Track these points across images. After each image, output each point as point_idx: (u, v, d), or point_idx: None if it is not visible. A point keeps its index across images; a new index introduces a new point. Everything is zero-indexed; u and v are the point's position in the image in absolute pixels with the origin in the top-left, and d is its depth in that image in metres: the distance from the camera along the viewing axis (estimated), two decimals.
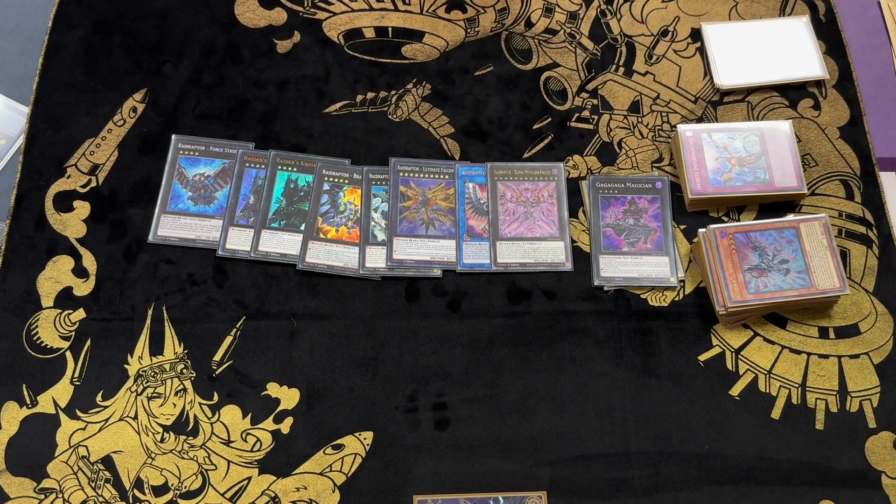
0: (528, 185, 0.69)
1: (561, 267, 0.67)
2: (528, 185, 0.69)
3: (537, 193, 0.69)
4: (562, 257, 0.67)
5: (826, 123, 0.75)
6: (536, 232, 0.68)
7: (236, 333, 0.66)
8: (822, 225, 0.67)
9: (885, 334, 0.67)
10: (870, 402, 0.64)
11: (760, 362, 0.66)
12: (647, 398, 0.64)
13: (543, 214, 0.68)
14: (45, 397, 0.64)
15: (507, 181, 0.69)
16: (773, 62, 0.77)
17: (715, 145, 0.71)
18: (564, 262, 0.67)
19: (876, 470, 0.62)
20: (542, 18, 0.80)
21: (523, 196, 0.69)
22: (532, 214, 0.68)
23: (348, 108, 0.75)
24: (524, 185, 0.69)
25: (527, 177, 0.70)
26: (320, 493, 0.61)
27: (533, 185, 0.69)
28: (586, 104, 0.76)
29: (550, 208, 0.69)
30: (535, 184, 0.69)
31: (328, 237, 0.69)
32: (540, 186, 0.69)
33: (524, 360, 0.65)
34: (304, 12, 0.79)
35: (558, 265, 0.67)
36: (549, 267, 0.67)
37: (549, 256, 0.67)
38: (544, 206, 0.69)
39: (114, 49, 0.77)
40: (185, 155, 0.73)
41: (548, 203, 0.69)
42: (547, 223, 0.68)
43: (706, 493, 0.61)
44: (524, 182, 0.70)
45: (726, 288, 0.65)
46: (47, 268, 0.68)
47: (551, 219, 0.68)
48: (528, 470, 0.62)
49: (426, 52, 0.78)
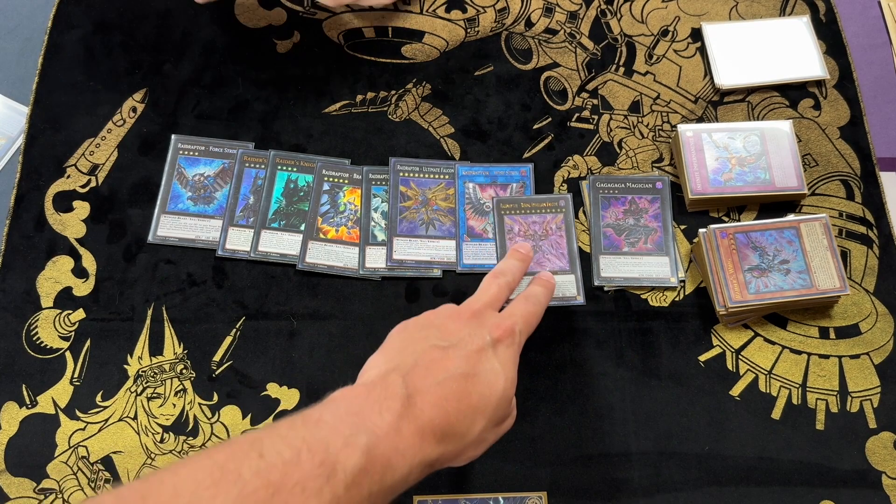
0: (535, 219, 0.69)
1: (573, 301, 0.66)
2: (535, 217, 0.69)
3: (545, 226, 0.68)
4: (573, 291, 0.67)
5: (826, 123, 0.75)
6: (546, 266, 0.67)
7: (236, 334, 0.66)
8: (823, 225, 0.67)
9: (886, 334, 0.67)
10: (870, 402, 0.64)
11: (761, 362, 0.66)
12: (648, 398, 0.64)
13: (552, 247, 0.68)
14: (44, 397, 0.64)
15: (513, 215, 0.69)
16: (774, 62, 0.76)
17: (715, 145, 0.71)
18: (576, 296, 0.67)
19: (876, 470, 0.62)
20: (542, 18, 0.79)
21: (531, 229, 0.68)
22: (541, 248, 0.68)
23: (348, 108, 0.75)
24: (531, 218, 0.69)
25: (534, 209, 0.69)
26: None
27: (540, 218, 0.69)
28: (586, 104, 0.76)
29: (559, 241, 0.68)
30: (543, 216, 0.69)
31: (328, 237, 0.69)
32: (547, 219, 0.68)
33: (524, 360, 0.65)
34: (304, 12, 0.79)
35: (570, 300, 0.66)
36: (560, 302, 0.66)
37: (560, 291, 0.66)
38: (553, 239, 0.68)
39: (113, 49, 0.77)
40: (185, 155, 0.72)
41: (556, 236, 0.68)
42: (556, 256, 0.67)
43: (706, 494, 0.61)
44: (531, 215, 0.69)
45: (727, 288, 0.65)
46: (47, 268, 0.68)
47: (560, 251, 0.68)
48: (528, 470, 0.62)
49: (426, 52, 0.78)
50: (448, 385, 0.48)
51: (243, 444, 0.41)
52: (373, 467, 0.42)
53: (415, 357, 0.49)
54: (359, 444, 0.42)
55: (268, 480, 0.39)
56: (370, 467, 0.42)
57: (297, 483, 0.39)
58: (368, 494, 0.42)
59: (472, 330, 0.52)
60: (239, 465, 0.39)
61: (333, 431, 0.43)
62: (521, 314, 0.56)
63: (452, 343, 0.51)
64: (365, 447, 0.42)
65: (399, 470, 0.44)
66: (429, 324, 0.53)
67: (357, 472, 0.41)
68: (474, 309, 0.55)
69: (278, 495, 0.38)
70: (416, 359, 0.49)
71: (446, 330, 0.52)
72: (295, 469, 0.40)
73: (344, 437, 0.42)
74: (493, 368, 0.50)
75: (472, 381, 0.49)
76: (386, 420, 0.45)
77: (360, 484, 0.42)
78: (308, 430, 0.43)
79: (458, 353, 0.50)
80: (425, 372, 0.48)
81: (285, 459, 0.40)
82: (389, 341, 0.53)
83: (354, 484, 0.41)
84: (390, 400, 0.46)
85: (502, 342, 0.52)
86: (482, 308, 0.55)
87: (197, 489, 0.38)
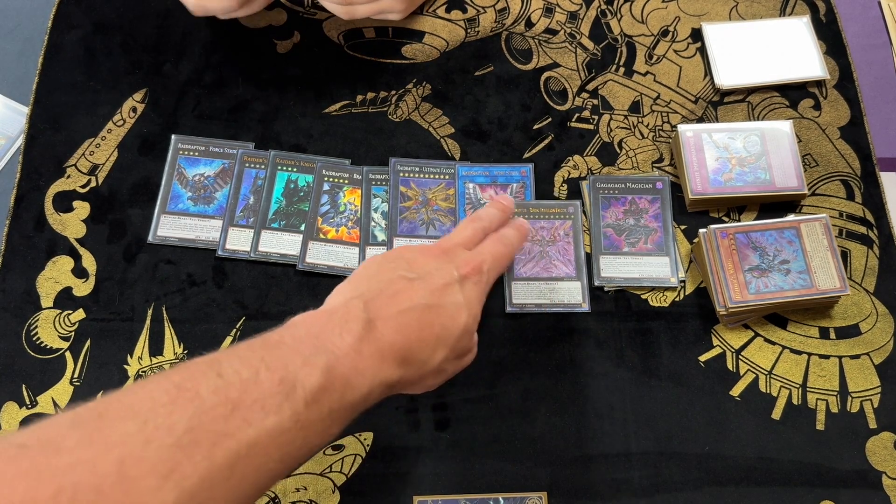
0: (543, 224, 0.69)
1: (578, 308, 0.66)
2: (543, 223, 0.69)
3: (553, 232, 0.68)
4: (578, 298, 0.67)
5: (826, 123, 0.75)
6: (552, 272, 0.67)
7: (236, 334, 0.66)
8: (823, 225, 0.67)
9: (886, 335, 0.67)
10: (870, 402, 0.64)
11: (761, 363, 0.66)
12: (648, 398, 0.64)
13: (560, 254, 0.68)
14: (44, 398, 0.64)
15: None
16: (774, 62, 0.76)
17: (715, 145, 0.71)
18: (581, 304, 0.66)
19: (876, 470, 0.62)
20: (543, 18, 0.79)
21: (539, 235, 0.68)
22: (548, 254, 0.68)
23: (348, 108, 0.75)
24: (539, 223, 0.69)
25: (542, 215, 0.69)
26: (320, 493, 0.61)
27: (548, 224, 0.68)
28: (586, 104, 0.76)
29: (567, 247, 0.68)
30: (551, 222, 0.69)
31: (328, 237, 0.69)
32: (556, 225, 0.68)
33: (524, 360, 0.65)
34: (304, 12, 0.79)
35: (575, 306, 0.66)
36: (565, 308, 0.66)
37: (566, 297, 0.66)
38: (560, 245, 0.68)
39: (113, 49, 0.77)
40: (185, 155, 0.72)
41: (564, 242, 0.68)
42: (563, 262, 0.67)
43: (706, 494, 0.61)
44: (539, 220, 0.69)
45: (727, 288, 0.65)
46: (47, 268, 0.68)
47: (567, 258, 0.68)
48: (528, 470, 0.62)
49: (426, 52, 0.78)
50: (410, 314, 0.48)
51: (201, 365, 0.41)
52: (332, 385, 0.43)
53: (380, 286, 0.50)
54: (318, 363, 0.43)
55: (226, 397, 0.39)
56: (330, 385, 0.43)
57: (255, 400, 0.39)
58: (329, 411, 0.43)
59: (441, 265, 0.53)
60: (196, 383, 0.39)
61: (293, 351, 0.43)
62: (489, 253, 0.56)
63: (419, 275, 0.51)
64: (325, 366, 0.43)
65: (359, 389, 0.44)
66: (398, 256, 0.53)
67: (317, 390, 0.42)
68: (445, 247, 0.55)
69: (237, 411, 0.38)
70: (382, 287, 0.50)
71: (415, 263, 0.52)
72: (254, 387, 0.40)
73: (303, 356, 0.43)
74: (457, 302, 0.51)
75: (436, 311, 0.49)
76: (346, 341, 0.45)
77: (319, 401, 0.42)
78: (267, 350, 0.43)
79: (423, 285, 0.50)
80: (389, 300, 0.49)
81: (244, 378, 0.40)
82: (357, 272, 0.53)
83: (314, 401, 0.42)
84: (351, 322, 0.46)
85: (469, 279, 0.53)
86: (453, 246, 0.56)
87: (154, 406, 0.38)
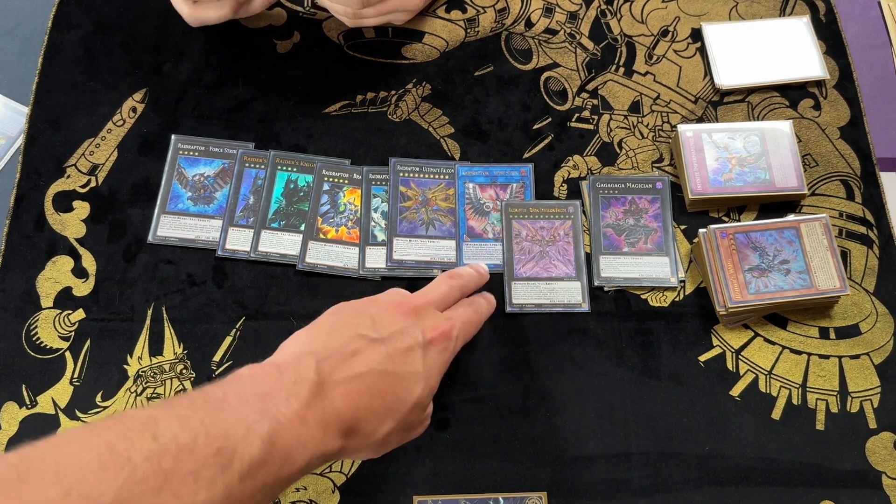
0: (543, 224, 0.69)
1: (577, 308, 0.66)
2: (543, 223, 0.69)
3: (553, 232, 0.68)
4: (578, 298, 0.66)
5: (826, 123, 0.75)
6: (552, 272, 0.67)
7: (236, 334, 0.66)
8: (823, 225, 0.67)
9: (886, 335, 0.67)
10: (870, 402, 0.64)
11: (761, 363, 0.66)
12: (648, 399, 0.64)
13: (559, 254, 0.68)
14: (44, 398, 0.64)
15: (521, 219, 0.69)
16: (774, 62, 0.76)
17: (715, 145, 0.71)
18: (581, 304, 0.66)
19: (876, 470, 0.62)
20: (542, 18, 0.79)
21: (538, 235, 0.68)
22: (548, 253, 0.68)
23: (348, 108, 0.75)
24: (539, 223, 0.69)
25: (542, 215, 0.69)
26: (320, 493, 0.61)
27: (549, 224, 0.69)
28: (586, 104, 0.76)
29: (567, 247, 0.68)
30: (551, 222, 0.69)
31: (328, 237, 0.69)
32: (556, 225, 0.68)
33: (524, 360, 0.65)
34: (304, 12, 0.79)
35: (574, 306, 0.66)
36: (565, 308, 0.66)
37: (566, 297, 0.66)
38: (560, 245, 0.68)
39: (113, 49, 0.77)
40: (185, 155, 0.72)
41: (563, 242, 0.68)
42: (563, 262, 0.67)
43: (706, 494, 0.61)
44: (539, 220, 0.69)
45: (727, 288, 0.65)
46: (47, 268, 0.68)
47: (567, 258, 0.68)
48: (528, 470, 0.62)
49: (426, 52, 0.78)
50: (363, 380, 0.46)
51: (136, 423, 0.38)
52: (271, 458, 0.41)
53: (338, 344, 0.47)
54: (260, 432, 0.40)
55: (159, 467, 0.36)
56: (269, 458, 0.40)
57: (189, 472, 0.37)
58: (262, 486, 0.40)
59: (407, 325, 0.50)
60: (130, 446, 0.36)
61: (236, 415, 0.40)
62: (460, 319, 0.54)
63: (382, 336, 0.48)
64: (266, 436, 0.40)
65: (297, 462, 0.42)
66: (363, 311, 0.51)
67: (254, 464, 0.40)
68: (416, 304, 0.52)
69: (168, 484, 0.36)
70: (339, 346, 0.47)
71: (380, 321, 0.50)
72: (189, 456, 0.37)
73: (246, 423, 0.40)
74: (415, 372, 0.48)
75: (391, 379, 0.47)
76: (292, 407, 0.42)
77: (255, 475, 0.40)
78: (208, 411, 0.40)
79: (383, 348, 0.48)
80: (343, 361, 0.46)
81: (180, 444, 0.37)
82: (319, 321, 0.51)
83: (250, 475, 0.39)
84: (299, 385, 0.43)
85: (435, 345, 0.50)
86: (425, 305, 0.53)
87: (81, 470, 0.35)
